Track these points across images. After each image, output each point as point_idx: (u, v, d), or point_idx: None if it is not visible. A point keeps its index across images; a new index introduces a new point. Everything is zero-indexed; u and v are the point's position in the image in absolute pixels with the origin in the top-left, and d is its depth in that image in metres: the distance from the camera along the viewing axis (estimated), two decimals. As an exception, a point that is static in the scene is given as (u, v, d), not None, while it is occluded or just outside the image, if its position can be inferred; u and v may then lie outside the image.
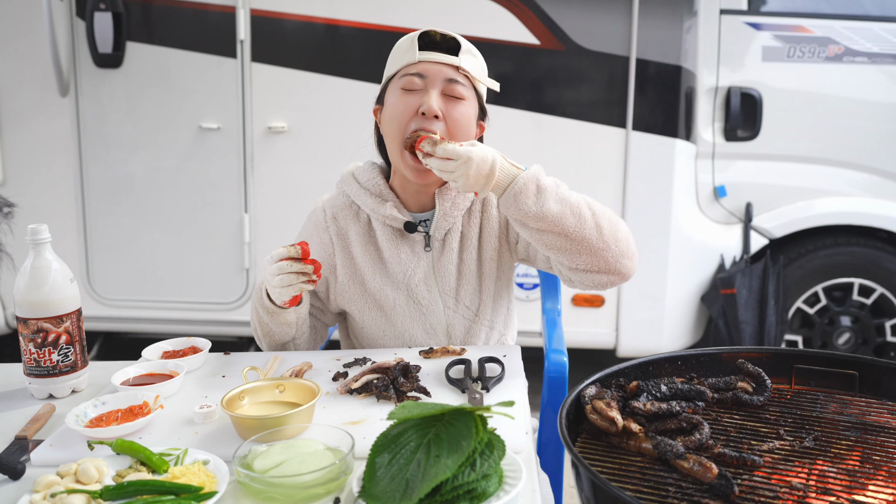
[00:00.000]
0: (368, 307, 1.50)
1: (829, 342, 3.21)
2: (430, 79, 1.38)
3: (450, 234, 1.48)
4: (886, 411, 1.13)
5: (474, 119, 1.44)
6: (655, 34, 2.89)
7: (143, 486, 0.91)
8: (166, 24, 3.02)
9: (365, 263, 1.49)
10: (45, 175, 3.15)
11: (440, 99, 1.38)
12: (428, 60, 1.38)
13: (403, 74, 1.40)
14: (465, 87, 1.40)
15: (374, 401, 1.19)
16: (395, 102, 1.40)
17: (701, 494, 0.91)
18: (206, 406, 1.14)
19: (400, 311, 1.48)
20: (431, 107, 1.36)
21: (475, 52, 1.44)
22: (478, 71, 1.42)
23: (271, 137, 3.07)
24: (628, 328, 3.11)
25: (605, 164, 3.00)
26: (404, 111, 1.38)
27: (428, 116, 1.36)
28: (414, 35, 1.40)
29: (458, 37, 1.41)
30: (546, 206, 1.28)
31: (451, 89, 1.39)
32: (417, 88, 1.39)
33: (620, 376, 1.19)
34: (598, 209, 1.34)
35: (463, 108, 1.40)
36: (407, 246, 1.48)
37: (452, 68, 1.39)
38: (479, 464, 0.86)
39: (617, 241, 1.34)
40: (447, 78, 1.38)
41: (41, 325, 1.24)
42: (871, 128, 3.11)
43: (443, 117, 1.38)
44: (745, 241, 3.12)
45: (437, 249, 1.48)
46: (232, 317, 3.20)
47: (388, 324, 1.50)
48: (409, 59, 1.39)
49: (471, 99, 1.42)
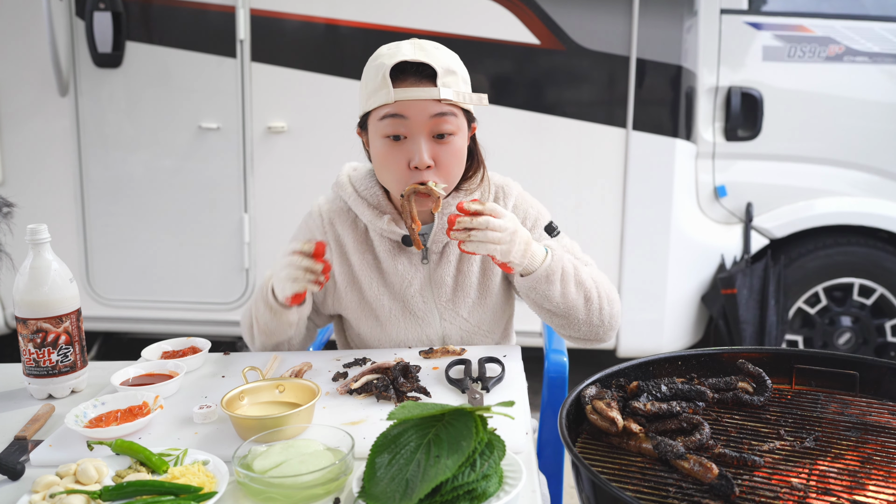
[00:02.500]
0: (365, 315, 1.50)
1: (829, 342, 3.21)
2: (412, 121, 1.30)
3: (448, 246, 1.47)
4: (887, 411, 1.13)
5: (465, 146, 1.40)
6: (656, 34, 2.88)
7: (143, 486, 0.90)
8: (166, 23, 3.02)
9: (363, 271, 1.47)
10: (44, 175, 3.15)
11: (429, 144, 1.32)
12: (406, 99, 1.29)
13: (384, 116, 1.32)
14: (452, 114, 1.32)
15: (374, 401, 1.19)
16: (383, 154, 1.35)
17: (701, 495, 0.91)
18: (205, 406, 1.14)
19: (395, 321, 1.48)
20: (423, 160, 1.31)
21: (454, 66, 1.34)
22: (460, 94, 1.33)
23: (271, 137, 3.07)
24: (628, 328, 3.11)
25: (606, 164, 3.00)
26: (395, 166, 1.34)
27: (420, 168, 1.32)
28: (384, 70, 1.29)
29: (432, 58, 1.31)
30: (567, 293, 1.33)
31: (437, 127, 1.32)
32: (402, 134, 1.32)
33: (620, 376, 1.19)
34: (603, 289, 1.39)
35: (454, 146, 1.35)
36: (405, 257, 1.46)
37: (434, 103, 1.30)
38: (479, 464, 0.86)
39: (612, 320, 1.40)
40: (431, 115, 1.31)
41: (40, 325, 1.24)
42: (871, 128, 3.10)
43: (434, 164, 1.33)
44: (745, 241, 3.12)
45: (434, 262, 1.46)
46: (232, 317, 3.20)
47: (382, 332, 1.50)
48: (384, 98, 1.30)
49: (460, 127, 1.35)
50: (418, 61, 1.30)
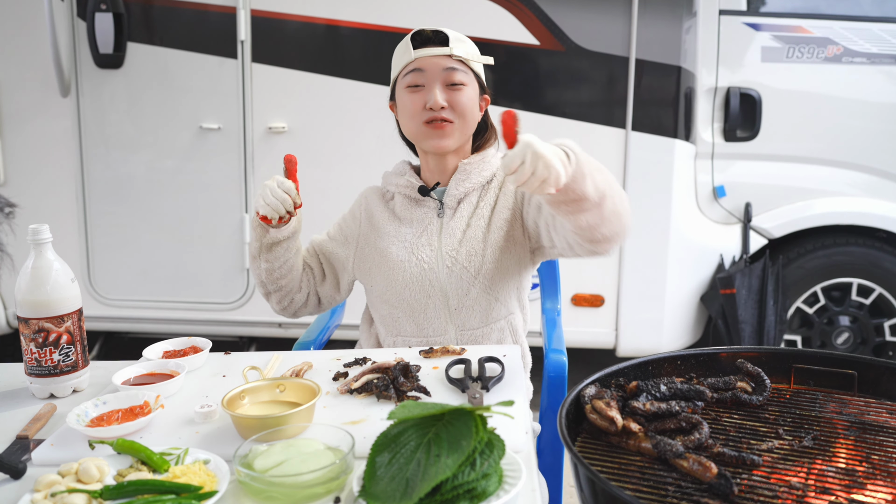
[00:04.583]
0: (377, 266, 1.61)
1: (827, 342, 3.21)
2: (428, 72, 1.54)
3: (462, 203, 1.60)
4: (885, 411, 1.13)
5: (477, 99, 1.59)
6: (655, 35, 2.89)
7: (144, 485, 0.91)
8: (167, 24, 3.03)
9: (382, 223, 1.64)
10: (46, 175, 3.15)
11: (443, 91, 1.54)
12: (423, 56, 1.55)
13: (406, 73, 1.56)
14: (463, 71, 1.55)
15: (374, 400, 1.20)
16: (405, 102, 1.57)
17: (700, 494, 0.91)
18: (206, 406, 1.15)
19: (401, 268, 1.58)
20: (437, 101, 1.52)
21: (463, 38, 1.59)
22: (469, 53, 1.57)
23: (271, 138, 3.07)
24: (628, 328, 3.11)
25: (605, 165, 3.00)
26: (414, 109, 1.56)
27: (435, 109, 1.53)
28: (407, 38, 1.58)
29: (446, 30, 1.57)
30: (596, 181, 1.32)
31: (450, 77, 1.54)
32: (420, 84, 1.54)
33: (620, 376, 1.20)
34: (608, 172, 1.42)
35: (465, 93, 1.55)
36: (421, 211, 1.62)
37: (446, 58, 1.55)
38: (478, 463, 0.86)
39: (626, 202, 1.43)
40: (444, 68, 1.54)
41: (42, 324, 1.24)
42: (870, 128, 3.11)
43: (448, 106, 1.54)
44: (744, 241, 3.13)
45: (448, 216, 1.60)
46: (232, 317, 3.21)
47: (389, 281, 1.59)
48: (406, 58, 1.56)
49: (470, 82, 1.57)
50: (435, 29, 1.57)
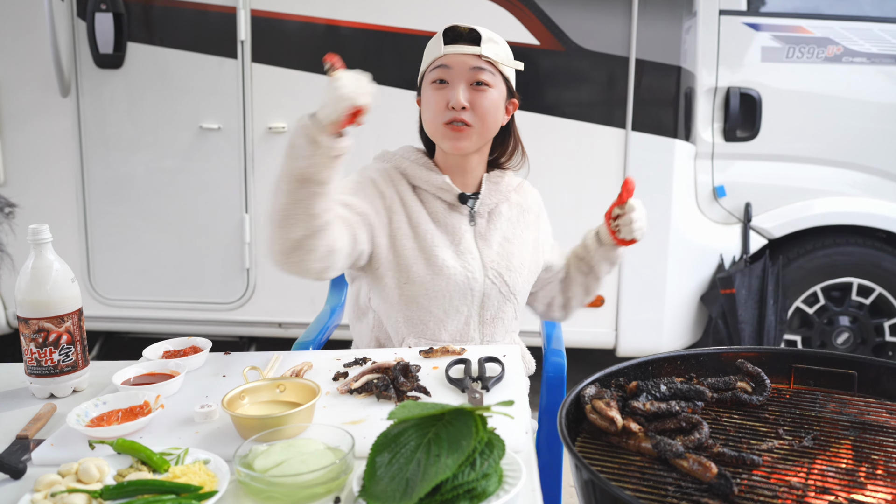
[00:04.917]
0: (417, 262, 1.52)
1: (827, 342, 3.21)
2: (455, 70, 1.51)
3: (493, 213, 1.61)
4: (885, 411, 1.13)
5: (502, 102, 1.56)
6: (655, 35, 2.89)
7: (144, 485, 0.91)
8: (167, 24, 3.03)
9: (420, 219, 1.55)
10: (46, 175, 3.15)
11: (467, 91, 1.50)
12: (452, 53, 1.51)
13: (433, 68, 1.53)
14: (490, 72, 1.52)
15: (374, 400, 1.20)
16: (428, 97, 1.54)
17: (700, 494, 0.91)
18: (206, 406, 1.15)
19: (447, 274, 1.51)
20: (458, 100, 1.49)
21: (497, 39, 1.55)
22: (500, 56, 1.53)
23: (272, 138, 3.07)
24: (628, 328, 3.11)
25: (605, 165, 3.01)
26: (437, 106, 1.52)
27: (456, 109, 1.49)
28: (439, 33, 1.54)
29: (480, 28, 1.54)
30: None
31: (476, 77, 1.51)
32: (446, 80, 1.51)
33: (620, 376, 1.20)
34: None
35: (488, 95, 1.52)
36: (455, 217, 1.58)
37: (475, 57, 1.51)
38: (478, 463, 0.86)
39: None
40: (471, 67, 1.50)
41: (42, 324, 1.24)
42: (869, 128, 3.11)
43: (470, 107, 1.50)
44: (744, 241, 3.13)
45: (482, 226, 1.60)
46: (232, 317, 3.20)
47: (431, 285, 1.51)
48: (436, 53, 1.53)
49: (496, 84, 1.53)
50: (469, 27, 1.54)
